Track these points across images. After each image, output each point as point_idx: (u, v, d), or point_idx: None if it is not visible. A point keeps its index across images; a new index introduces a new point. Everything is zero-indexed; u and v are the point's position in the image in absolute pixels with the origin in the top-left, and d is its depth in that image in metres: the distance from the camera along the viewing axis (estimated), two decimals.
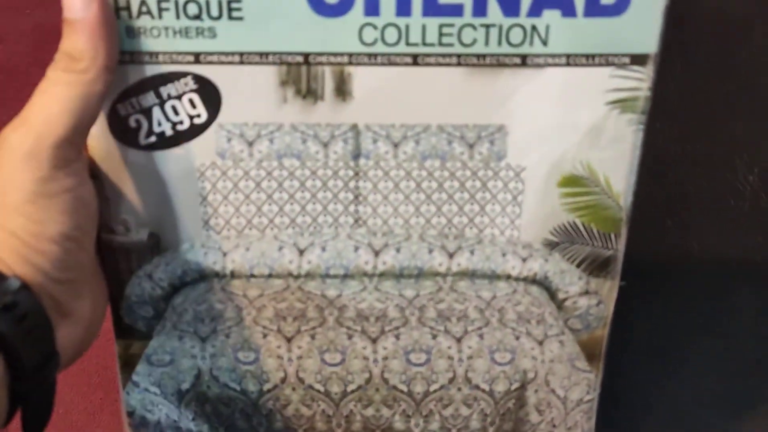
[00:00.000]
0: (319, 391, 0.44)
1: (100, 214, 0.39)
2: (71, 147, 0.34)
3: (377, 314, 0.42)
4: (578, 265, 0.42)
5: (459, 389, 0.44)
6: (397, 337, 0.43)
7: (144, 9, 0.36)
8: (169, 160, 0.39)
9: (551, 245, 0.41)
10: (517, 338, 0.43)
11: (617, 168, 0.39)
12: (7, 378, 0.32)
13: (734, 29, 0.52)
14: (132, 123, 0.38)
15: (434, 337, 0.43)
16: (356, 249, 0.41)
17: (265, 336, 0.43)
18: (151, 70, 0.37)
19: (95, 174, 0.38)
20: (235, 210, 0.40)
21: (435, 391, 0.44)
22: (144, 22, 0.36)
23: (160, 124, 0.38)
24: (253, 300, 0.42)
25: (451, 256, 0.41)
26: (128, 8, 0.36)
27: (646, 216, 0.54)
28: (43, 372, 0.35)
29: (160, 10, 0.36)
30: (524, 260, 0.41)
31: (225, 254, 0.41)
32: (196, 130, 0.38)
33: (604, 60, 0.37)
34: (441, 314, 0.42)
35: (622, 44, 0.37)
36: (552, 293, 0.43)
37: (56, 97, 0.33)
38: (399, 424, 0.46)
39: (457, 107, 0.38)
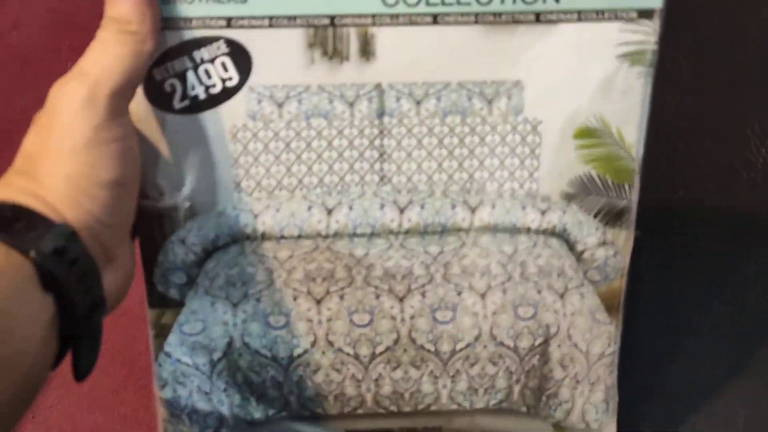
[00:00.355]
0: (348, 354, 0.45)
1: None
2: (123, 98, 0.35)
3: (403, 272, 0.43)
4: (594, 216, 0.43)
5: (485, 346, 0.45)
6: (423, 294, 0.44)
7: None
8: (203, 123, 0.41)
9: (568, 197, 0.43)
10: (539, 292, 0.44)
11: (629, 119, 0.41)
12: (57, 322, 0.33)
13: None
14: (167, 87, 0.40)
15: (459, 293, 0.44)
16: (382, 207, 0.42)
17: (295, 298, 0.44)
18: (185, 36, 0.39)
19: None
20: (266, 171, 0.42)
21: (461, 349, 0.45)
22: None
23: (193, 88, 0.40)
24: (283, 262, 0.43)
25: (473, 211, 0.43)
26: None
27: (658, 188, 0.56)
28: (93, 317, 0.36)
29: None
30: (543, 213, 0.43)
31: (256, 216, 0.42)
32: (228, 93, 0.40)
33: (613, 15, 0.39)
34: (465, 270, 0.43)
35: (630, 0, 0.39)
36: (571, 245, 0.44)
37: (110, 51, 0.34)
38: (427, 385, 0.47)
39: (475, 64, 0.40)
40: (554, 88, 0.40)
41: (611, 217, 0.43)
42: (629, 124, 0.41)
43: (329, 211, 0.43)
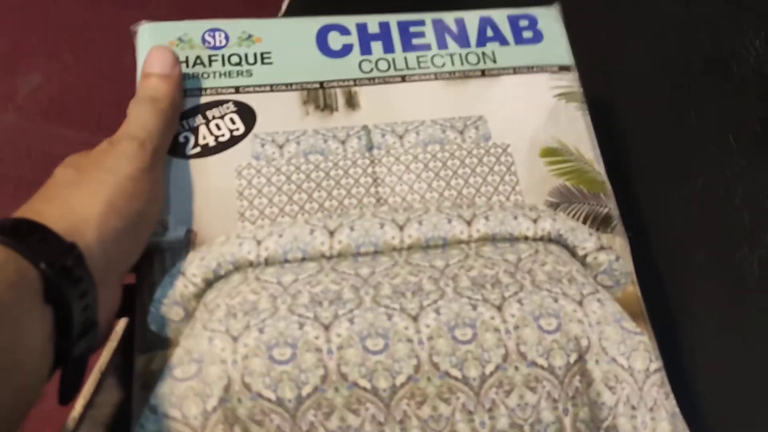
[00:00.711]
0: (365, 389, 0.37)
1: None
2: (162, 152, 0.39)
3: (413, 288, 0.39)
4: (583, 223, 0.43)
5: (516, 368, 0.38)
6: (437, 311, 0.39)
7: (198, 61, 0.45)
8: (211, 165, 0.42)
9: (553, 206, 0.43)
10: (556, 300, 0.40)
11: (581, 141, 0.45)
12: (54, 337, 0.30)
13: None
14: (181, 139, 0.43)
15: (474, 307, 0.39)
16: (382, 225, 0.41)
17: (301, 326, 0.38)
18: (201, 101, 0.44)
19: None
20: (269, 201, 0.41)
21: (491, 373, 0.38)
22: (197, 69, 0.45)
23: (204, 138, 0.43)
24: (287, 286, 0.39)
25: (469, 223, 0.41)
26: (186, 61, 0.45)
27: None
28: (84, 338, 0.32)
29: (211, 61, 0.46)
30: (535, 221, 0.42)
31: (259, 242, 0.40)
32: (234, 140, 0.43)
33: (540, 69, 0.47)
34: (475, 282, 0.40)
35: (549, 59, 0.48)
36: (571, 250, 0.42)
37: (150, 120, 0.38)
38: (462, 425, 0.37)
39: (442, 107, 0.45)
40: (512, 119, 0.44)
41: (599, 223, 0.43)
42: (582, 144, 0.45)
43: (331, 233, 0.41)
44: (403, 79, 0.43)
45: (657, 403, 0.36)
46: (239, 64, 0.42)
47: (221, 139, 0.40)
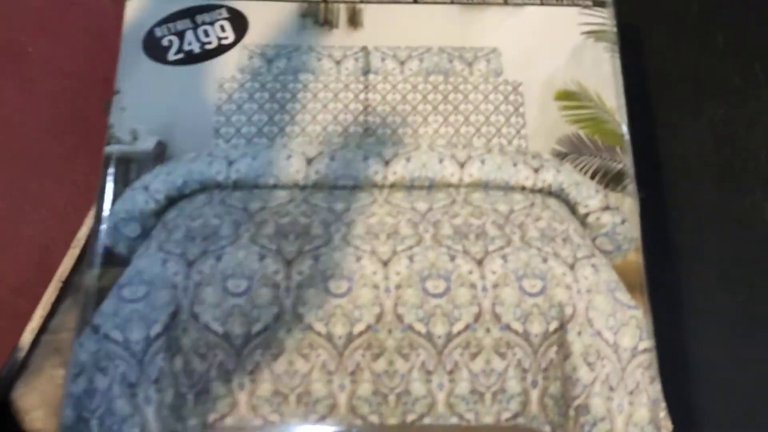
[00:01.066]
0: (319, 333, 0.33)
1: (111, 125, 0.37)
2: None
3: (388, 230, 0.35)
4: (591, 178, 0.37)
5: (488, 330, 0.33)
6: (411, 258, 0.34)
7: None
8: (192, 74, 0.37)
9: (560, 155, 0.37)
10: (545, 261, 0.34)
11: (605, 86, 0.38)
12: None
13: None
14: (165, 42, 0.38)
15: (452, 258, 0.34)
16: (365, 158, 0.36)
17: (262, 258, 0.34)
18: (190, 2, 0.40)
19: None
20: (248, 119, 0.37)
21: (459, 333, 0.33)
22: None
23: (190, 44, 0.38)
24: (253, 214, 0.35)
25: (462, 165, 0.36)
26: None
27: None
28: None
29: None
30: (536, 170, 0.36)
31: (231, 163, 0.36)
32: (222, 49, 0.38)
33: (571, 2, 0.41)
34: (457, 230, 0.35)
35: None
36: (572, 207, 0.36)
37: None
38: (418, 384, 0.33)
39: (454, 34, 0.39)
40: (529, 55, 0.36)
41: (609, 179, 0.37)
42: (606, 90, 0.38)
43: (309, 161, 0.36)
44: (416, 0, 0.37)
45: (639, 386, 0.31)
46: None
47: (208, 47, 0.35)
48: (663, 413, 0.30)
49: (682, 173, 0.40)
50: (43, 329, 0.35)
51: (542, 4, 0.36)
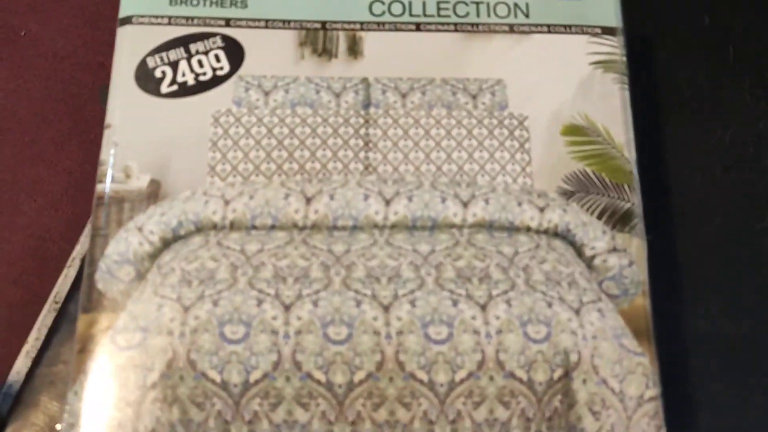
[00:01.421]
0: (319, 381, 0.32)
1: (102, 162, 0.36)
2: None
3: (390, 273, 0.34)
4: (598, 218, 0.36)
5: (491, 378, 0.33)
6: (413, 303, 0.33)
7: None
8: (186, 107, 0.36)
9: (566, 194, 0.36)
10: (550, 305, 0.34)
11: (614, 121, 0.37)
12: None
13: None
14: (158, 74, 0.37)
15: (455, 303, 0.34)
16: (366, 198, 0.35)
17: (260, 303, 0.33)
18: (184, 31, 0.38)
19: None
20: (244, 155, 0.36)
21: (462, 381, 0.33)
22: None
23: (183, 75, 0.37)
24: (251, 256, 0.34)
25: (465, 205, 0.35)
26: None
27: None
28: None
29: None
30: (542, 210, 0.35)
31: (227, 202, 0.35)
32: (216, 81, 0.37)
33: (580, 29, 0.39)
34: (460, 274, 0.34)
35: (592, 18, 0.39)
36: (578, 249, 0.36)
37: None
38: None
39: (457, 64, 0.38)
40: (535, 87, 0.37)
41: (617, 219, 0.36)
42: (615, 124, 0.37)
43: (308, 200, 0.35)
44: (418, 27, 0.36)
45: None
46: None
47: (202, 78, 0.34)
48: None
49: (689, 199, 0.39)
50: (37, 361, 0.35)
51: (549, 31, 0.35)
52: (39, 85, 0.42)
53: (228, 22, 0.34)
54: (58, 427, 0.31)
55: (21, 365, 0.36)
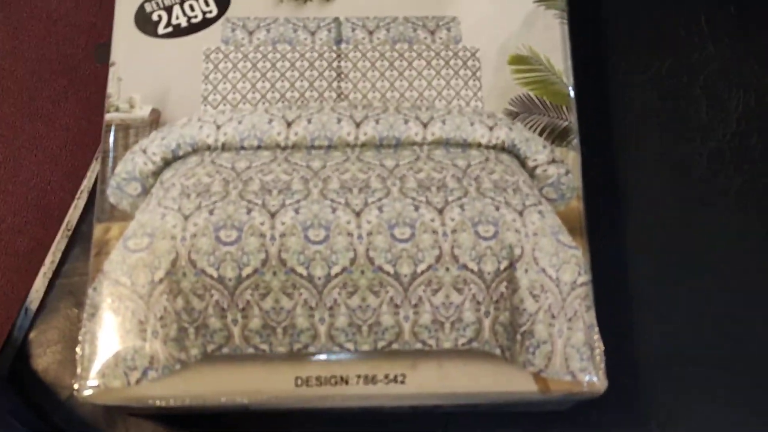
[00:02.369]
0: (301, 275, 0.39)
1: (110, 95, 0.42)
2: None
3: (360, 185, 0.40)
4: (540, 135, 0.42)
5: (447, 269, 0.39)
6: (380, 209, 0.40)
7: None
8: (180, 46, 0.42)
9: (512, 115, 0.42)
10: (497, 209, 0.40)
11: (554, 51, 0.43)
12: None
13: None
14: (155, 17, 0.43)
15: (416, 208, 0.40)
16: (339, 121, 0.41)
17: (249, 212, 0.39)
18: None
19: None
20: (233, 87, 0.42)
21: (423, 272, 0.39)
22: None
23: (177, 18, 0.43)
24: (240, 172, 0.40)
25: (425, 125, 0.42)
26: None
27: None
28: None
29: None
30: (491, 129, 0.42)
31: (219, 127, 0.41)
32: (206, 23, 0.43)
33: None
34: (421, 184, 0.40)
35: None
36: (522, 161, 0.42)
37: None
38: (387, 317, 0.39)
39: (417, 4, 0.43)
40: (485, 23, 0.42)
41: (555, 136, 0.42)
42: (555, 53, 0.43)
43: (289, 124, 0.41)
44: None
45: (577, 314, 0.37)
46: None
47: (193, 21, 0.40)
48: (596, 336, 0.36)
49: (629, 123, 0.46)
50: (56, 274, 0.40)
51: None
52: (35, 46, 0.45)
53: None
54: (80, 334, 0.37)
55: (39, 284, 0.42)
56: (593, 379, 0.35)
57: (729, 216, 0.43)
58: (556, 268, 0.36)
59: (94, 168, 0.42)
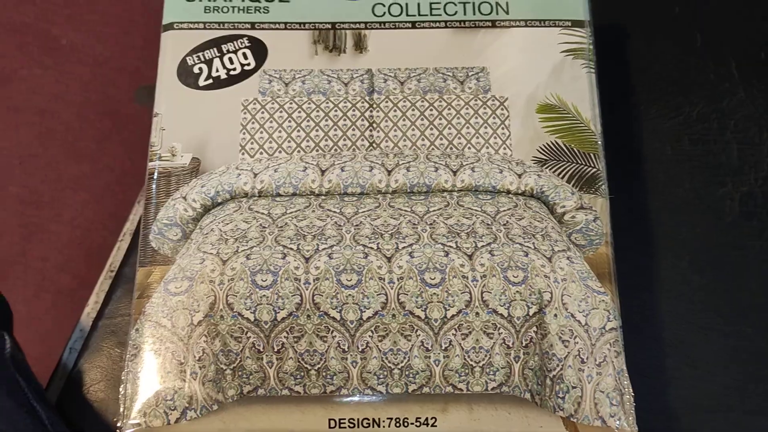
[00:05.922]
0: (334, 318, 0.41)
1: (152, 145, 0.45)
2: None
3: (391, 230, 0.43)
4: (568, 181, 0.45)
5: (477, 314, 0.41)
6: (411, 255, 0.42)
7: None
8: (220, 97, 0.46)
9: (541, 162, 0.45)
10: (526, 254, 0.42)
11: (582, 100, 0.46)
12: None
13: None
14: (196, 70, 0.47)
15: (447, 254, 0.42)
16: (371, 168, 0.44)
17: (284, 256, 0.42)
18: (217, 34, 0.48)
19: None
20: (269, 136, 0.45)
21: (453, 316, 0.41)
22: (217, 2, 0.49)
23: (217, 70, 0.46)
24: (276, 218, 0.43)
25: (454, 173, 0.44)
26: None
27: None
28: None
29: None
30: (520, 176, 0.44)
31: (255, 175, 0.44)
32: (245, 75, 0.46)
33: (553, 23, 0.48)
34: (451, 230, 0.42)
35: (563, 13, 0.48)
36: (550, 208, 0.44)
37: None
38: (418, 360, 0.41)
39: (447, 56, 0.47)
40: (514, 73, 0.45)
41: (584, 182, 0.44)
42: (583, 103, 0.46)
43: (323, 172, 0.44)
44: (413, 25, 0.44)
45: (606, 359, 0.38)
46: (257, 0, 0.45)
47: (232, 73, 0.43)
48: (626, 381, 0.38)
49: (661, 167, 0.48)
50: (100, 315, 0.44)
51: (526, 25, 0.44)
52: (80, 89, 0.48)
53: (253, 26, 0.43)
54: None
55: (84, 323, 0.45)
56: (623, 424, 0.37)
57: (761, 259, 0.45)
58: (585, 313, 0.38)
59: (137, 211, 0.46)
